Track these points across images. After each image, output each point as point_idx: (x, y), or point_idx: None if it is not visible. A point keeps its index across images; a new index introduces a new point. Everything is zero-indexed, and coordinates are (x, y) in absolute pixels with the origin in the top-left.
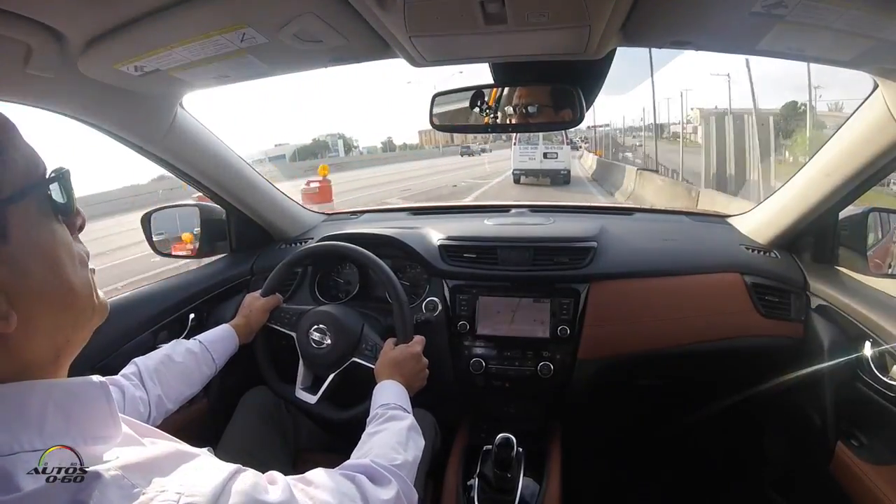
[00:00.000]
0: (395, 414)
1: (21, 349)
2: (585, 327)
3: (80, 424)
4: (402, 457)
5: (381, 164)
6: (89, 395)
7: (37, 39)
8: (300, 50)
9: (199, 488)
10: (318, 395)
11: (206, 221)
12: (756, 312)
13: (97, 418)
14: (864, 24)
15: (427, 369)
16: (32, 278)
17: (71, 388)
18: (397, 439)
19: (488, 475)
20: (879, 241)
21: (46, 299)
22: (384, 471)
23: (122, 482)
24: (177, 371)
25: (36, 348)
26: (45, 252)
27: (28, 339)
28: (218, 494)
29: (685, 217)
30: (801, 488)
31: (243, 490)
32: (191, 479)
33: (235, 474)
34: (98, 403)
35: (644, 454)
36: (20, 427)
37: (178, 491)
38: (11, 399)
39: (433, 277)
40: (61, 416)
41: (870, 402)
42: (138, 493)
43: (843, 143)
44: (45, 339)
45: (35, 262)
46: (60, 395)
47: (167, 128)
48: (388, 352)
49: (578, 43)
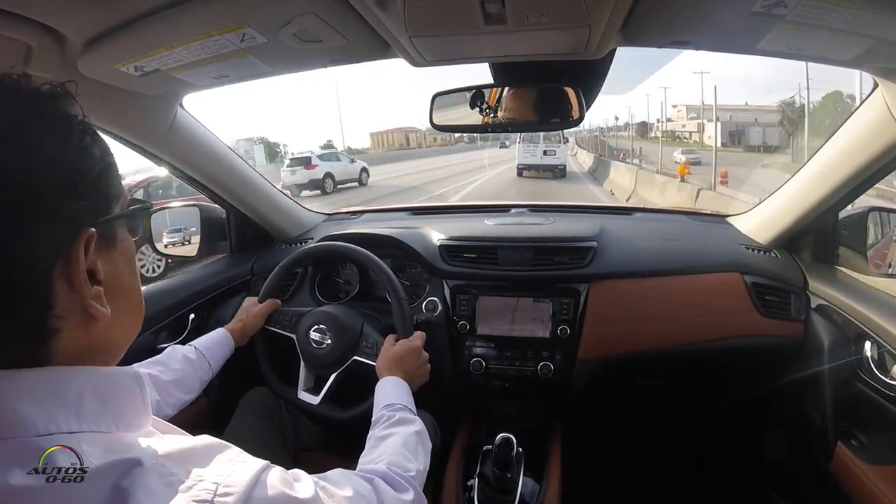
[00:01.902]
0: (402, 417)
1: (101, 338)
2: (585, 327)
3: (114, 411)
4: (415, 466)
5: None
6: (126, 384)
7: (37, 39)
8: (300, 50)
9: (235, 478)
10: (320, 395)
11: (206, 221)
12: (756, 312)
13: (131, 406)
14: (864, 24)
15: (428, 364)
16: (124, 281)
17: (110, 375)
18: (408, 446)
19: (488, 475)
20: (879, 241)
21: (129, 300)
22: (401, 479)
23: (162, 470)
24: (174, 378)
25: (110, 340)
26: (131, 262)
27: (108, 331)
28: (253, 486)
29: (685, 217)
30: (801, 488)
31: (275, 484)
32: (227, 470)
33: (266, 469)
34: (132, 392)
35: (644, 454)
36: (57, 408)
37: (215, 481)
38: (53, 381)
39: (433, 277)
40: (98, 401)
41: (870, 402)
42: (177, 481)
43: (843, 143)
44: (118, 334)
45: (126, 268)
46: (100, 382)
47: (167, 128)
48: (388, 348)
49: (578, 43)
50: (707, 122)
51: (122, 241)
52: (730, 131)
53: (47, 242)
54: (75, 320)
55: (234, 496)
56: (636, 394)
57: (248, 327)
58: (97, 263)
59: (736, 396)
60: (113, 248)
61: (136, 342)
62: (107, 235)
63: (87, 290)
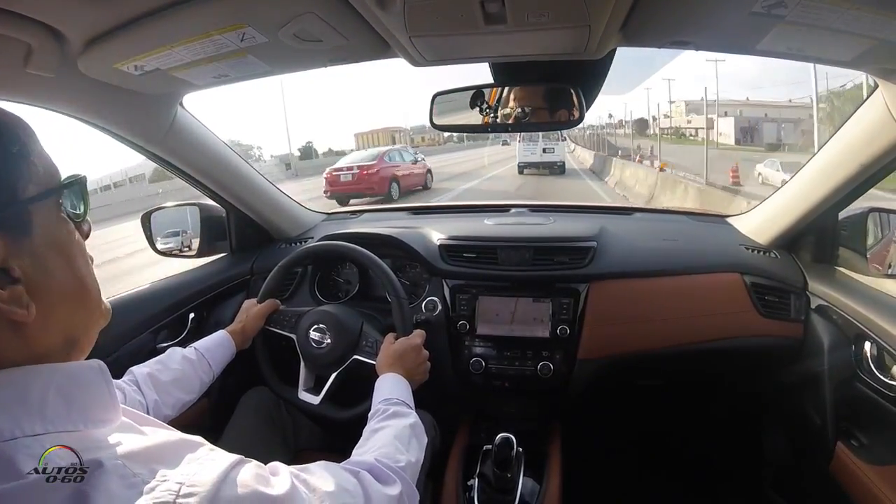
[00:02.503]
0: (397, 410)
1: (37, 339)
2: (585, 327)
3: (80, 408)
4: (406, 457)
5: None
6: (89, 379)
7: (37, 39)
8: (300, 50)
9: (200, 477)
10: (320, 395)
11: (206, 221)
12: (756, 312)
13: (97, 401)
14: (864, 24)
15: (428, 362)
16: (52, 272)
17: (72, 371)
18: (400, 438)
19: (488, 475)
20: (879, 241)
21: (63, 293)
22: (388, 470)
23: (124, 471)
24: (173, 378)
25: (51, 340)
26: (63, 249)
27: (44, 331)
28: (220, 484)
29: (685, 217)
30: (800, 488)
31: (245, 481)
32: (192, 468)
33: (238, 465)
34: (98, 387)
35: (644, 454)
36: (22, 412)
37: (178, 481)
38: (15, 383)
39: (433, 277)
40: (62, 400)
41: (869, 403)
42: (139, 482)
43: (843, 143)
44: (59, 332)
45: (54, 257)
46: (62, 379)
47: (167, 127)
48: (388, 346)
49: (578, 43)
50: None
51: (45, 226)
52: (742, 127)
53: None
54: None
55: (198, 496)
56: (636, 394)
57: (248, 328)
58: (8, 261)
59: (735, 396)
60: (29, 238)
61: (136, 342)
62: (16, 227)
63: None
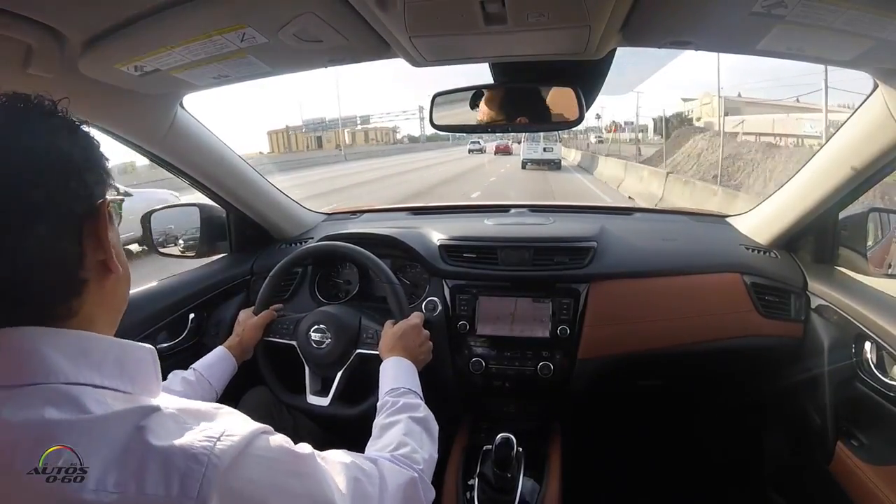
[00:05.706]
0: (407, 403)
1: (103, 301)
2: (585, 327)
3: (131, 377)
4: (421, 455)
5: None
6: (141, 356)
7: (37, 39)
8: (300, 50)
9: (237, 429)
10: (329, 396)
11: (206, 221)
12: (756, 312)
13: (145, 376)
14: (864, 24)
15: (430, 342)
16: (121, 252)
17: (127, 347)
18: (412, 435)
19: (488, 475)
20: (879, 241)
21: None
22: (404, 465)
23: (177, 417)
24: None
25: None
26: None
27: (112, 295)
28: (253, 436)
29: (685, 217)
30: (800, 488)
31: (275, 439)
32: (231, 420)
33: (269, 430)
34: (147, 365)
35: (644, 454)
36: (84, 364)
37: (219, 429)
38: (80, 342)
39: (433, 277)
40: (117, 366)
41: (870, 402)
42: (189, 428)
43: (843, 143)
44: (114, 304)
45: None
46: (119, 350)
47: (167, 128)
48: (388, 330)
49: (578, 43)
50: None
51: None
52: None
53: (87, 198)
54: (96, 274)
55: (237, 438)
56: (636, 394)
57: (246, 341)
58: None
59: (736, 397)
60: (111, 224)
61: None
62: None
63: (110, 246)
